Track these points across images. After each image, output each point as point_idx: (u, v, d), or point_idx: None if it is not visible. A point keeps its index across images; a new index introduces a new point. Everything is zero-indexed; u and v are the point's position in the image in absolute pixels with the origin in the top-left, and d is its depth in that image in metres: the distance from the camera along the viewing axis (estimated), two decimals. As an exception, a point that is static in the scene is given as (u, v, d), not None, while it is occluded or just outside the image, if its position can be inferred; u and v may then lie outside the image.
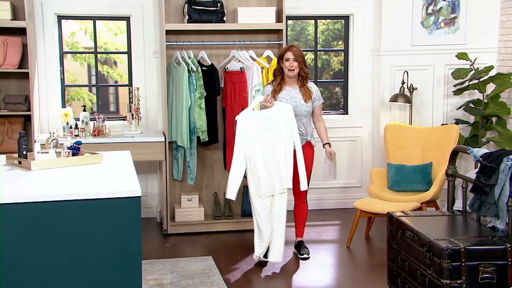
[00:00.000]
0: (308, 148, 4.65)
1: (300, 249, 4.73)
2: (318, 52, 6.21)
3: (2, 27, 4.99)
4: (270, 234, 4.47)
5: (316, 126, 4.73)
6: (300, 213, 4.76)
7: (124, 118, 5.71)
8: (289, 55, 4.50)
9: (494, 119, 5.72)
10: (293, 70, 4.51)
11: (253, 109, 4.52)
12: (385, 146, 5.57)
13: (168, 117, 5.28)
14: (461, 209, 3.99)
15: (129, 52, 5.72)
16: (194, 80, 5.15)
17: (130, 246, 2.89)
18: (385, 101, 5.89)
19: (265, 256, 4.54)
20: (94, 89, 6.62)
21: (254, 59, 5.27)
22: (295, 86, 4.58)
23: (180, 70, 5.19)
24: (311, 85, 4.64)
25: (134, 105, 5.30)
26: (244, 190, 5.47)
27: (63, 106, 5.61)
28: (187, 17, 5.27)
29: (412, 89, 5.74)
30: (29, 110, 5.12)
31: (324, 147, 4.70)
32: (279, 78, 4.58)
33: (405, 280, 3.72)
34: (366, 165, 6.12)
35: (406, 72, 5.72)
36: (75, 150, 3.73)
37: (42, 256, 2.80)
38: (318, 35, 6.18)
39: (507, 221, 3.49)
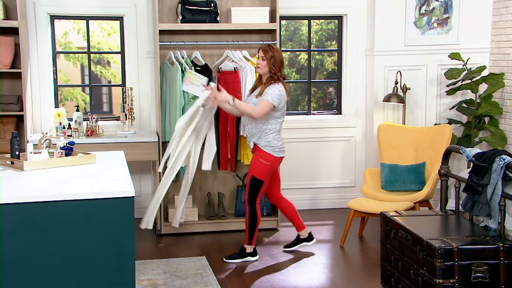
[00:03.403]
0: (254, 152, 4.56)
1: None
2: (312, 52, 6.22)
3: (-6, 26, 4.97)
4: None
5: None
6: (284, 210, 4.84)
7: (117, 118, 5.70)
8: (260, 53, 4.52)
9: (486, 119, 5.74)
10: (259, 67, 4.51)
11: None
12: (378, 146, 5.58)
13: (161, 117, 5.27)
14: (454, 209, 4.00)
15: (122, 52, 5.71)
16: (188, 80, 5.15)
17: (124, 246, 2.88)
18: (378, 101, 5.90)
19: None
20: (87, 89, 6.60)
21: (247, 59, 5.28)
22: (264, 83, 4.53)
23: (174, 70, 5.18)
24: (274, 85, 4.42)
25: (128, 105, 5.29)
26: (237, 189, 5.48)
27: (56, 106, 5.59)
28: (180, 17, 5.27)
29: (405, 89, 5.76)
30: (21, 110, 5.09)
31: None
32: (259, 77, 4.63)
33: (398, 280, 3.73)
34: (359, 165, 6.13)
35: (399, 72, 5.74)
36: (68, 150, 3.72)
37: (35, 256, 2.79)
38: (311, 35, 6.18)
39: (499, 221, 3.50)
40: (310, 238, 4.86)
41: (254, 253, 4.69)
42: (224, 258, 4.67)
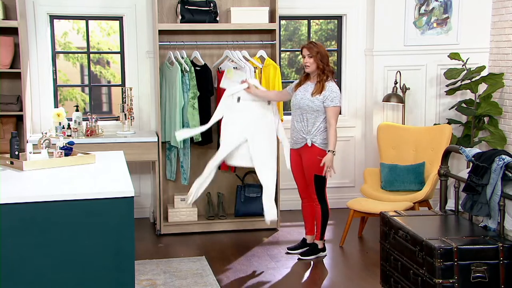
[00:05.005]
0: (308, 150, 4.54)
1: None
2: (311, 52, 6.21)
3: (-6, 26, 4.97)
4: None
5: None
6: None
7: (117, 118, 5.70)
8: (304, 52, 4.55)
9: (486, 119, 5.75)
10: (308, 66, 4.54)
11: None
12: (378, 146, 5.58)
13: (161, 117, 5.27)
14: (454, 209, 4.00)
15: (122, 52, 5.71)
16: (187, 80, 5.15)
17: (123, 246, 2.88)
18: (378, 101, 5.90)
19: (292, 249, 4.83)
20: (86, 89, 6.60)
21: (247, 59, 5.27)
22: (314, 81, 4.57)
23: (173, 70, 5.18)
24: (330, 84, 4.49)
25: (127, 105, 5.29)
26: (237, 189, 5.48)
27: (56, 106, 5.59)
28: (180, 17, 5.27)
29: (405, 89, 5.76)
30: (21, 110, 5.09)
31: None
32: (305, 73, 4.64)
33: (397, 280, 3.73)
34: (359, 165, 6.13)
35: (399, 72, 5.74)
36: (68, 150, 3.72)
37: (34, 256, 2.79)
38: (311, 35, 6.19)
39: (499, 221, 3.51)
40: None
41: (324, 249, 4.77)
42: (299, 256, 4.70)
